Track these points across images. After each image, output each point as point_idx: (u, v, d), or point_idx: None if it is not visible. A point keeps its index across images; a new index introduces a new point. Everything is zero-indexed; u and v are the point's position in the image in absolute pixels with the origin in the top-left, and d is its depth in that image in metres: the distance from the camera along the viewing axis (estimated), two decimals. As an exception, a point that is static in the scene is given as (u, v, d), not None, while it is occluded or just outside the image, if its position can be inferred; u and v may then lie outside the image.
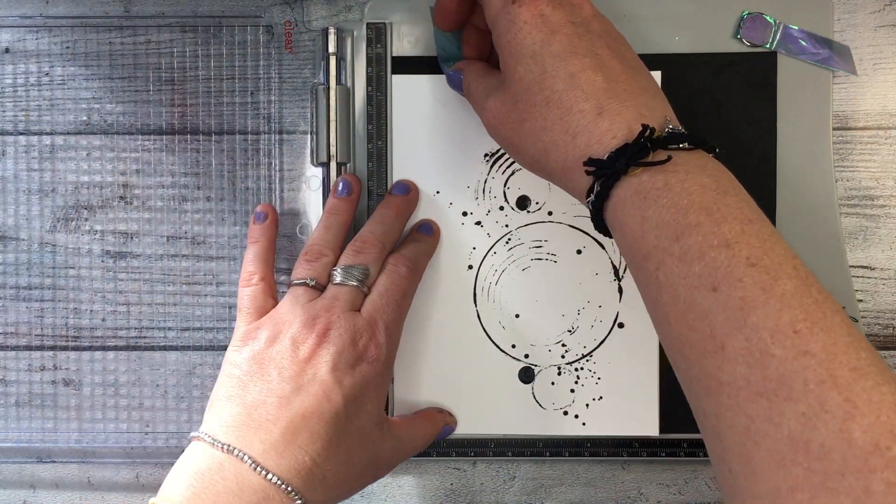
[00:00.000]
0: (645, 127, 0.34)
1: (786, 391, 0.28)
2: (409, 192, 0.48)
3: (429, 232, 0.48)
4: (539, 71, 0.37)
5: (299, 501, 0.38)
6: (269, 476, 0.37)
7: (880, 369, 0.28)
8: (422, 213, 0.49)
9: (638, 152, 0.34)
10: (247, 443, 0.38)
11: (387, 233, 0.46)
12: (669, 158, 0.34)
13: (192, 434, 0.40)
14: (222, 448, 0.38)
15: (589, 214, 0.37)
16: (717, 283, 0.30)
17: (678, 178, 0.33)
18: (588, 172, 0.35)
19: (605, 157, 0.34)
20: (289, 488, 0.37)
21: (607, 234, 0.37)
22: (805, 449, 0.27)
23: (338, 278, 0.44)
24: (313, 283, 0.44)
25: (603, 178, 0.34)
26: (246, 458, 0.38)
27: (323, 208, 0.48)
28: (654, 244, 0.33)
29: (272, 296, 0.45)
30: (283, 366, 0.41)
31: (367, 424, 0.41)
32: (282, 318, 0.42)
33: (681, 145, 0.34)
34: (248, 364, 0.41)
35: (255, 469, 0.37)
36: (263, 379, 0.40)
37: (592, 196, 0.35)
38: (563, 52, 0.36)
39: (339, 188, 0.47)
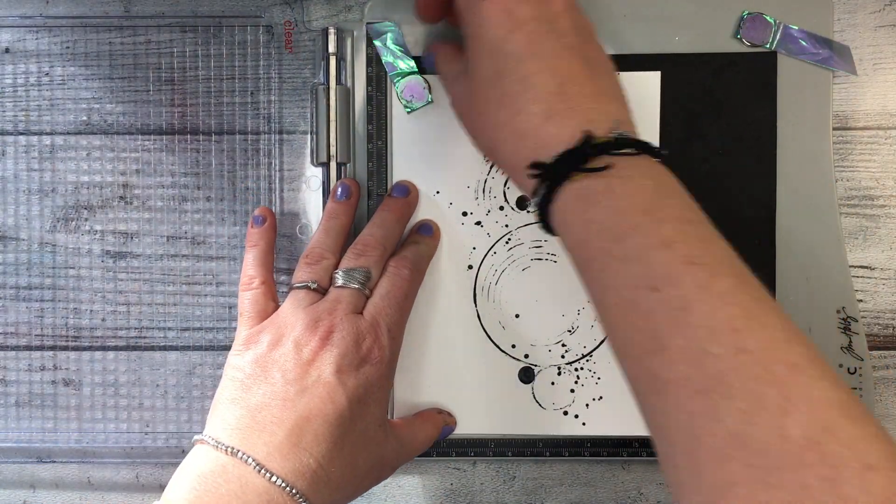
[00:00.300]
0: (585, 134, 0.35)
1: (724, 388, 0.28)
2: (408, 193, 0.48)
3: (429, 233, 0.48)
4: (495, 69, 0.37)
5: (304, 504, 0.38)
6: (274, 478, 0.37)
7: (817, 365, 0.29)
8: (422, 214, 0.49)
9: (580, 158, 0.34)
10: (251, 445, 0.38)
11: (387, 235, 0.46)
12: (609, 166, 0.34)
13: (196, 437, 0.40)
14: (226, 451, 0.38)
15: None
16: (657, 282, 0.31)
17: (619, 182, 0.34)
18: (532, 175, 0.36)
19: (550, 161, 0.35)
20: (293, 490, 0.37)
21: (553, 234, 0.37)
22: (743, 445, 0.28)
23: (339, 281, 0.44)
24: (314, 286, 0.44)
25: (547, 181, 0.35)
26: (250, 460, 0.38)
27: (323, 208, 0.48)
28: (598, 247, 0.33)
29: (273, 299, 0.45)
30: (287, 368, 0.40)
31: (371, 426, 0.41)
32: (284, 322, 0.42)
33: (625, 150, 0.35)
34: (251, 367, 0.41)
35: (260, 471, 0.37)
36: (267, 382, 0.40)
37: (538, 197, 0.36)
38: (521, 51, 0.36)
39: (338, 192, 0.47)
